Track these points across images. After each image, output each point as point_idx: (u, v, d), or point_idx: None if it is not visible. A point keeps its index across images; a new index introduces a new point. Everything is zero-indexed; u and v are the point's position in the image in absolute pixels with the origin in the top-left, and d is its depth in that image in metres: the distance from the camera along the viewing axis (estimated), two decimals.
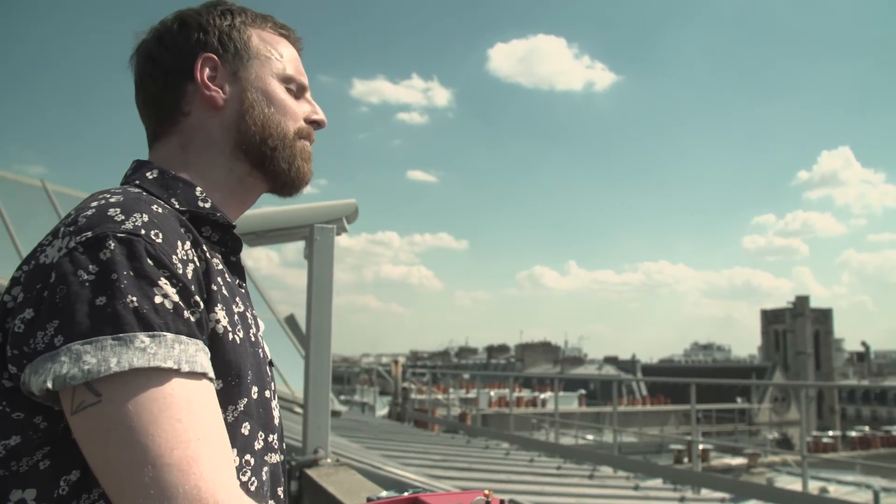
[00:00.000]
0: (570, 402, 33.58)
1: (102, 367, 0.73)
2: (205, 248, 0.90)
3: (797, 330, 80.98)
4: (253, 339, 0.95)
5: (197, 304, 0.82)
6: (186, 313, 0.80)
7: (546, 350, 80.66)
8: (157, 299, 0.78)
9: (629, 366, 65.59)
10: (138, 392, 0.74)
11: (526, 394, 31.77)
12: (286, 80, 1.07)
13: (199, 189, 0.99)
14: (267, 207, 3.23)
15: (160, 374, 0.75)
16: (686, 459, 18.45)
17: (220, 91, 1.02)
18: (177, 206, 0.94)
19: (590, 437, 19.15)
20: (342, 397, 18.77)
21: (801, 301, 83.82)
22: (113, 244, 0.78)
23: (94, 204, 0.85)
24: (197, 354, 0.79)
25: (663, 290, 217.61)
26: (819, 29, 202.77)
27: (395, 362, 18.20)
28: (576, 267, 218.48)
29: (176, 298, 0.79)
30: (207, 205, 0.98)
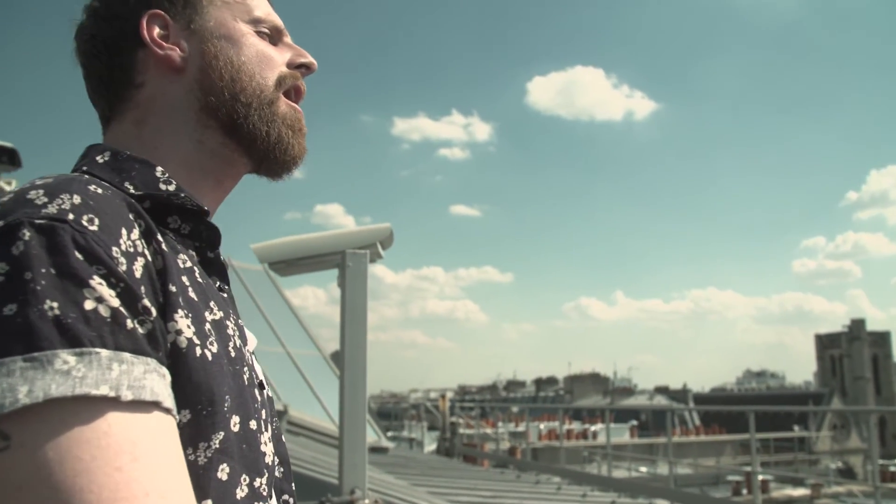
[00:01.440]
0: (622, 434, 32.81)
1: (8, 398, 0.52)
2: (160, 238, 0.69)
3: (854, 354, 78.64)
4: (234, 354, 0.73)
5: (147, 310, 0.61)
6: (131, 322, 0.59)
7: (595, 381, 79.55)
8: (88, 304, 0.57)
9: (681, 395, 64.20)
10: (60, 431, 0.53)
11: (576, 426, 31.00)
12: (256, 23, 0.89)
13: (159, 169, 0.79)
14: (298, 235, 3.10)
15: (91, 406, 0.55)
16: (745, 491, 17.75)
17: (175, 48, 0.84)
18: (132, 192, 0.75)
19: (643, 469, 18.63)
20: (390, 433, 18.57)
21: (857, 324, 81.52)
22: (28, 234, 0.58)
23: (16, 189, 0.66)
24: (146, 377, 0.59)
25: (713, 317, 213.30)
26: (860, 47, 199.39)
27: (443, 397, 17.96)
28: (622, 297, 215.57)
29: (115, 303, 0.59)
30: (171, 187, 0.78)
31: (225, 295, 0.83)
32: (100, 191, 0.67)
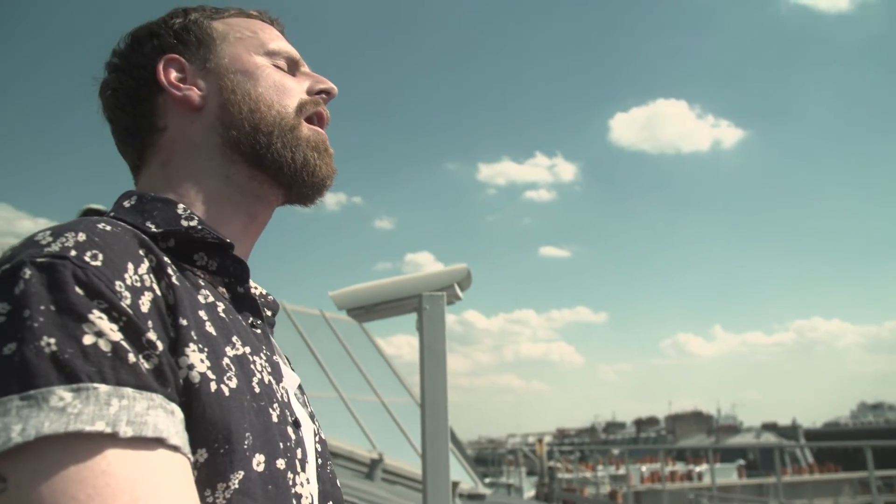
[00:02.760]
0: (729, 475, 31.24)
1: (2, 438, 0.50)
2: (170, 273, 0.67)
3: None
4: (259, 390, 0.70)
5: (152, 344, 0.60)
6: (133, 357, 0.58)
7: (698, 420, 76.57)
8: (87, 339, 0.56)
9: (790, 432, 60.98)
10: (55, 471, 0.51)
11: (680, 467, 29.76)
12: (271, 55, 0.89)
13: (181, 206, 0.79)
14: (374, 281, 3.08)
15: (87, 443, 0.53)
16: None
17: (192, 88, 0.85)
18: (153, 230, 0.75)
19: None
20: (487, 479, 18.26)
21: None
22: (29, 272, 0.57)
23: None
24: (149, 413, 0.56)
25: (820, 347, 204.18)
26: None
27: (540, 441, 17.65)
28: (721, 331, 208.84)
29: (116, 337, 0.57)
30: (192, 222, 0.77)
31: (258, 331, 0.81)
32: (108, 228, 0.66)
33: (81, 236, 0.62)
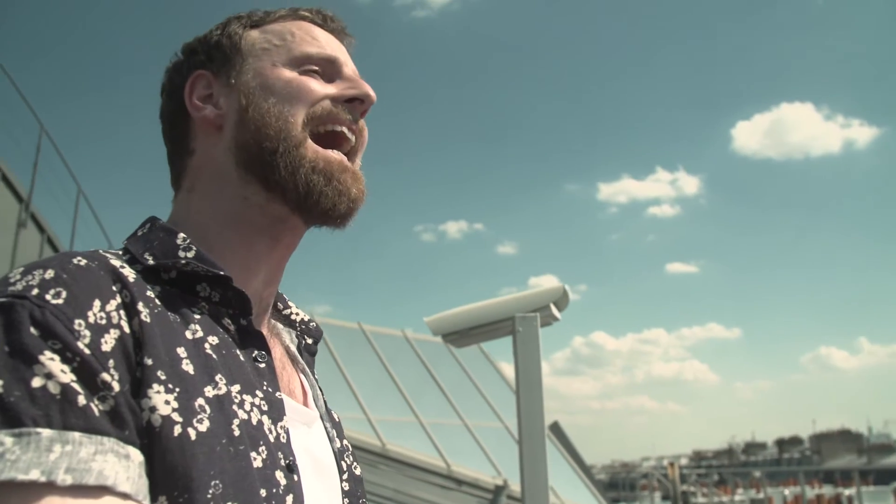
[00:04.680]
0: (885, 499, 28.88)
1: None
2: (141, 308, 0.63)
3: None
4: (238, 432, 0.64)
5: (107, 385, 0.57)
6: (84, 399, 0.55)
7: (846, 439, 71.59)
8: (36, 382, 0.54)
9: None
10: None
11: (827, 490, 27.76)
12: (300, 62, 0.81)
13: (181, 236, 0.74)
14: (468, 305, 2.98)
15: (22, 492, 0.50)
16: None
17: (208, 107, 0.80)
18: (150, 263, 0.72)
19: None
20: None
21: None
22: None
23: None
24: (95, 459, 0.53)
25: None
26: None
27: (671, 464, 16.86)
28: (867, 343, 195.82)
29: (66, 379, 0.55)
30: (189, 253, 0.72)
31: (262, 365, 0.74)
32: (83, 262, 0.64)
33: (49, 273, 0.61)
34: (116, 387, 0.57)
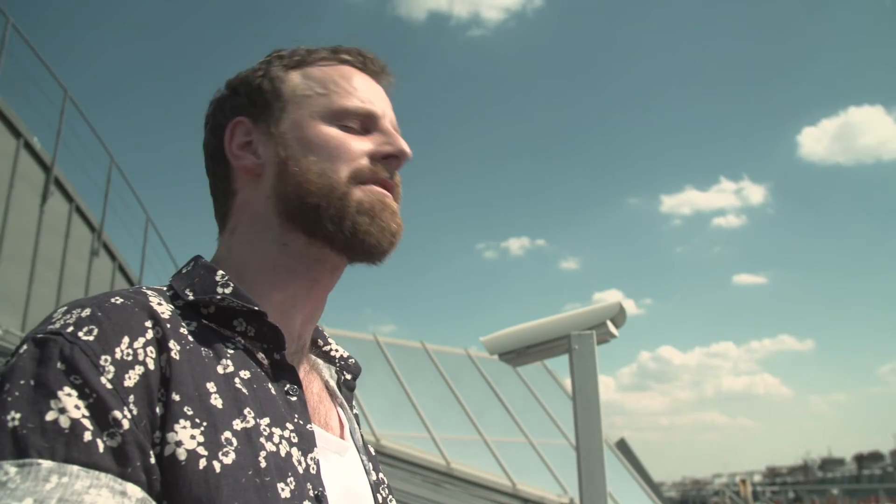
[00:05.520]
0: None
1: None
2: (172, 345, 0.66)
3: None
4: (265, 464, 0.65)
5: (117, 422, 0.59)
6: (90, 435, 0.58)
7: None
8: (50, 416, 0.57)
9: None
10: None
11: None
12: (338, 116, 0.83)
13: (220, 273, 0.77)
14: (523, 323, 2.97)
15: None
16: None
17: (248, 156, 0.82)
18: (190, 298, 0.75)
19: None
20: None
21: None
22: (25, 348, 0.61)
23: None
24: (88, 493, 0.55)
25: None
26: None
27: (743, 482, 16.32)
28: None
29: (77, 415, 0.58)
30: (227, 290, 0.75)
31: (293, 398, 0.75)
32: (119, 301, 0.67)
33: (86, 312, 0.64)
34: (126, 424, 0.59)
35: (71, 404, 0.58)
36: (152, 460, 0.60)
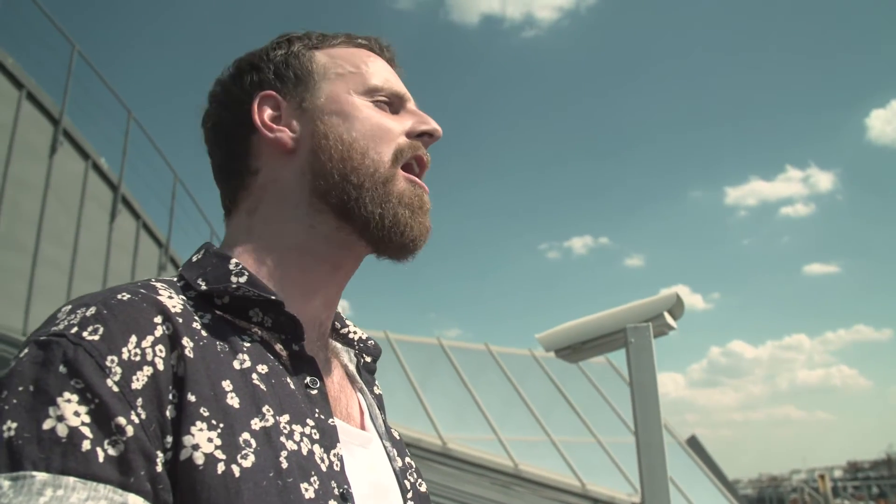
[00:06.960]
0: None
1: None
2: (185, 342, 0.62)
3: None
4: (286, 465, 0.61)
5: (121, 429, 0.55)
6: (88, 444, 0.54)
7: None
8: (47, 424, 0.53)
9: None
10: None
11: None
12: (372, 93, 0.81)
13: (233, 261, 0.74)
14: (579, 319, 2.89)
15: None
16: None
17: (286, 129, 0.79)
18: (203, 288, 0.71)
19: None
20: None
21: None
22: (25, 351, 0.58)
23: None
24: None
25: None
26: None
27: (821, 477, 15.72)
28: None
29: (76, 422, 0.54)
30: (242, 279, 0.71)
31: (314, 392, 0.71)
32: (126, 297, 0.63)
33: (91, 310, 0.60)
34: (131, 431, 0.56)
35: (70, 411, 0.54)
36: (159, 468, 0.57)
